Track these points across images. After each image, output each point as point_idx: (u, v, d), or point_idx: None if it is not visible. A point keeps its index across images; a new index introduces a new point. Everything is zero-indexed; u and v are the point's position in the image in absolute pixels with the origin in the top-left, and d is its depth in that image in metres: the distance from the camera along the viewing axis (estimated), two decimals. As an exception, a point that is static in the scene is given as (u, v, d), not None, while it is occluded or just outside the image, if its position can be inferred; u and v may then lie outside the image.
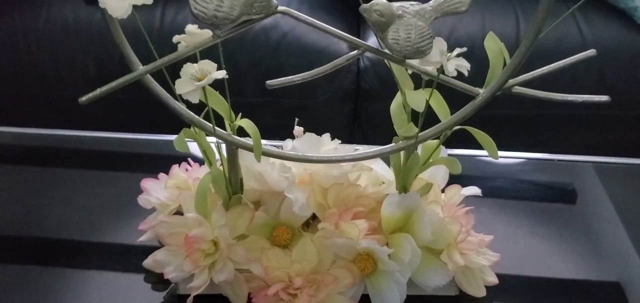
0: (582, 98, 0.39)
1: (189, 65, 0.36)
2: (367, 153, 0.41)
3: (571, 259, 0.50)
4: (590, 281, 0.49)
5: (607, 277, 0.50)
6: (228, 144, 0.41)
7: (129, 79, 0.37)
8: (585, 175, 0.63)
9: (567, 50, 1.01)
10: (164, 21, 1.02)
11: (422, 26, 0.34)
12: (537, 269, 0.49)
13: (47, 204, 0.56)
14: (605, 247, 0.54)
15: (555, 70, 0.38)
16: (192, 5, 0.32)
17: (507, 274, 0.46)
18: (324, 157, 0.42)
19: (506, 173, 0.62)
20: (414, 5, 0.35)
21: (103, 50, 1.02)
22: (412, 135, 0.39)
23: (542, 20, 0.35)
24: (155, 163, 0.63)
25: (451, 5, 0.34)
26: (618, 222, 0.55)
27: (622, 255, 0.53)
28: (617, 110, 1.00)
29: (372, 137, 1.05)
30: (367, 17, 0.34)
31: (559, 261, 0.50)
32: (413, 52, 0.34)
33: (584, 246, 0.52)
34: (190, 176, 0.46)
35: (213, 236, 0.41)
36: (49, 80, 1.04)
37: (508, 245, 0.50)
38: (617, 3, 1.02)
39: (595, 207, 0.58)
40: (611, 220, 0.56)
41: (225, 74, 0.35)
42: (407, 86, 0.39)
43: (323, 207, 0.43)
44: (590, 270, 0.50)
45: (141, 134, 0.65)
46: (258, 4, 0.32)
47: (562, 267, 0.50)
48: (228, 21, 0.33)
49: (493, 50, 0.39)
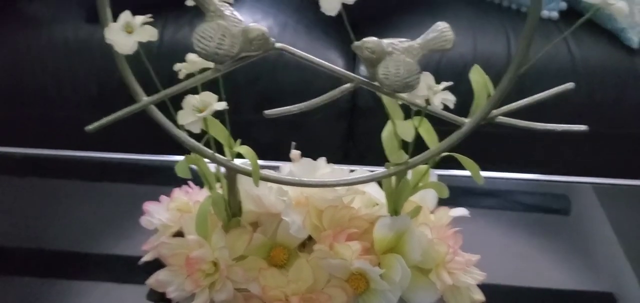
0: (562, 127, 0.41)
1: (190, 97, 0.38)
2: (360, 178, 0.43)
3: (560, 276, 0.52)
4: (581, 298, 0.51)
5: (596, 289, 0.52)
6: (228, 169, 0.43)
7: (134, 109, 0.39)
8: (575, 195, 0.64)
9: (556, 69, 1.05)
10: (163, 39, 1.04)
11: (410, 63, 0.36)
12: (526, 286, 0.51)
13: (49, 222, 0.57)
14: (594, 265, 0.55)
15: (536, 102, 0.41)
16: (195, 43, 0.34)
17: (495, 292, 0.48)
18: (319, 182, 0.44)
19: (496, 192, 0.64)
20: (403, 42, 0.37)
21: (104, 68, 1.04)
22: (403, 162, 0.41)
23: (522, 57, 0.37)
24: (157, 182, 0.65)
25: (437, 43, 0.37)
26: (610, 241, 0.56)
27: (612, 274, 0.54)
28: (605, 128, 1.03)
29: (367, 154, 1.07)
30: (359, 53, 0.36)
31: (548, 278, 0.52)
32: (402, 86, 0.36)
33: (574, 262, 0.54)
34: (191, 199, 0.48)
35: (213, 257, 0.43)
36: (51, 98, 1.06)
37: (497, 263, 0.52)
38: (605, 24, 1.05)
39: (583, 226, 0.60)
40: (601, 239, 0.57)
41: (225, 106, 0.37)
42: (397, 116, 0.41)
43: (318, 229, 0.45)
44: (581, 284, 0.51)
45: (141, 154, 0.67)
46: (257, 41, 0.35)
47: (551, 283, 0.51)
48: (229, 58, 0.35)
49: (478, 82, 0.41)
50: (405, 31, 1.12)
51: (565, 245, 0.56)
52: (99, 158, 0.68)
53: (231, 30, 0.34)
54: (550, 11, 1.10)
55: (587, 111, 1.02)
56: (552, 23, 1.10)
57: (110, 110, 1.13)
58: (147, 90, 0.40)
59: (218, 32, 0.34)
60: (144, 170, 0.68)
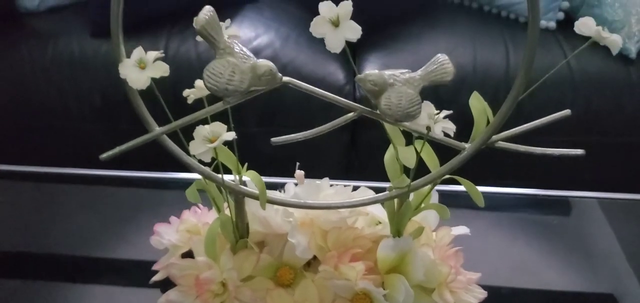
0: (559, 152, 0.43)
1: (201, 127, 0.39)
2: (363, 200, 0.45)
3: (562, 287, 0.53)
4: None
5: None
6: (236, 194, 0.45)
7: (147, 139, 0.40)
8: (580, 210, 0.64)
9: (554, 79, 1.06)
10: (167, 52, 1.06)
11: (411, 93, 0.38)
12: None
13: (59, 239, 0.59)
14: (599, 280, 0.56)
15: (534, 128, 0.42)
16: (206, 79, 0.36)
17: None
18: (323, 204, 0.45)
19: (498, 207, 0.65)
20: (404, 74, 0.39)
21: (109, 82, 1.05)
22: (405, 186, 0.43)
23: (521, 86, 0.39)
24: (164, 198, 0.67)
25: (437, 75, 0.38)
26: (615, 256, 0.57)
27: (617, 290, 0.55)
28: (602, 137, 1.05)
29: (369, 164, 1.09)
30: (362, 85, 0.38)
31: (551, 293, 0.53)
32: (404, 116, 0.38)
33: (578, 277, 0.55)
34: (200, 220, 0.50)
35: (222, 278, 0.45)
36: (56, 111, 1.07)
37: (500, 278, 0.53)
38: (603, 34, 1.07)
39: (588, 240, 0.60)
40: (605, 253, 0.57)
41: (234, 136, 0.39)
42: (399, 142, 0.43)
43: (323, 250, 0.47)
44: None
45: (148, 172, 0.69)
46: (265, 77, 0.36)
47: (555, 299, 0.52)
48: (238, 93, 0.36)
49: (477, 108, 0.43)
50: (405, 42, 1.13)
51: (568, 259, 0.57)
52: (106, 176, 0.69)
53: (240, 66, 0.36)
54: (548, 21, 1.12)
55: (584, 121, 1.03)
56: (550, 33, 1.12)
57: (114, 122, 1.17)
58: (153, 106, 0.40)
59: (228, 68, 0.36)
60: (152, 186, 0.69)
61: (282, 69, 1.09)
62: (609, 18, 1.05)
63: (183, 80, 1.22)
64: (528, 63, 0.37)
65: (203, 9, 0.36)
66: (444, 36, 1.12)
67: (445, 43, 1.09)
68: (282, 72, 1.16)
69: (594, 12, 1.08)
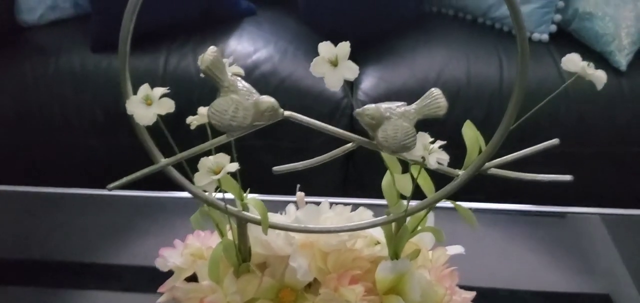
0: (548, 178, 0.44)
1: (205, 159, 0.41)
2: (362, 224, 0.47)
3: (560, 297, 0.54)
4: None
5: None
6: (239, 220, 0.46)
7: (152, 170, 0.42)
8: (582, 225, 0.65)
9: (547, 91, 1.07)
10: (167, 69, 1.07)
11: (407, 127, 0.39)
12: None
13: (61, 256, 0.60)
14: (589, 296, 0.57)
15: (524, 156, 0.44)
16: (211, 116, 0.37)
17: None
18: (323, 229, 0.47)
19: (497, 224, 0.65)
20: (400, 108, 0.40)
21: (110, 97, 1.07)
22: (402, 212, 0.44)
23: (512, 117, 0.40)
24: (163, 218, 0.68)
25: (431, 109, 0.40)
26: (620, 272, 0.57)
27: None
28: (595, 148, 1.07)
29: (366, 175, 1.11)
30: (360, 119, 0.40)
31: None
32: (400, 148, 0.40)
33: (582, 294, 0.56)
34: (204, 244, 0.51)
35: (225, 301, 0.46)
36: (57, 125, 1.09)
37: (494, 296, 0.55)
38: (595, 47, 1.09)
39: (591, 256, 0.60)
40: (608, 269, 0.58)
41: (237, 166, 0.41)
42: (396, 169, 0.44)
43: (323, 272, 0.48)
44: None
45: (150, 191, 0.70)
46: (268, 113, 0.38)
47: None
48: (242, 129, 0.38)
49: (470, 136, 0.44)
50: (400, 55, 1.15)
51: (567, 274, 0.57)
52: (106, 196, 0.71)
53: (244, 103, 0.37)
54: (541, 34, 1.14)
55: (576, 132, 1.06)
56: (543, 45, 1.14)
57: (115, 137, 1.18)
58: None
59: (231, 105, 0.37)
60: (152, 205, 0.71)
61: (281, 82, 1.12)
62: (600, 31, 1.07)
63: (183, 95, 1.26)
64: (518, 97, 0.39)
65: (208, 49, 0.37)
66: (439, 49, 1.14)
67: (440, 56, 1.11)
68: (281, 86, 1.21)
69: (586, 26, 1.10)
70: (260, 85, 1.05)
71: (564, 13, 1.14)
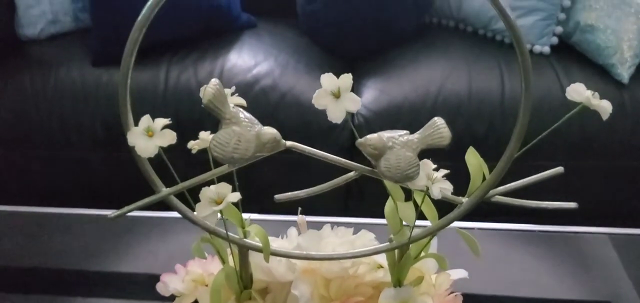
0: (553, 206, 0.44)
1: (207, 189, 0.40)
2: (364, 251, 0.46)
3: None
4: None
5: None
6: (240, 247, 0.46)
7: (154, 199, 0.42)
8: (591, 245, 0.63)
9: (550, 104, 1.08)
10: (168, 82, 1.07)
11: (410, 156, 0.39)
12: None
13: (60, 276, 0.60)
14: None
15: (529, 184, 0.44)
16: (213, 148, 0.37)
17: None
18: (325, 256, 0.47)
19: (504, 243, 0.64)
20: (402, 136, 0.40)
21: (110, 111, 1.07)
22: (405, 240, 0.44)
23: (516, 147, 0.40)
24: (166, 240, 0.68)
25: (434, 139, 0.39)
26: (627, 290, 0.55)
27: None
28: (596, 161, 1.06)
29: (367, 188, 1.10)
30: (363, 149, 0.39)
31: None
32: (403, 178, 0.39)
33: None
34: (205, 270, 0.51)
35: (227, 329, 0.46)
36: (57, 140, 1.09)
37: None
38: (596, 59, 1.09)
39: (601, 277, 0.58)
40: (617, 287, 0.56)
41: (239, 197, 0.40)
42: (398, 197, 0.44)
43: (326, 299, 0.48)
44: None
45: (151, 211, 0.70)
46: (269, 145, 0.38)
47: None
48: (244, 160, 0.38)
49: (473, 164, 0.44)
50: (401, 67, 1.15)
51: (578, 294, 0.56)
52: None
53: (245, 135, 0.37)
54: (542, 46, 1.14)
55: (578, 145, 1.05)
56: (544, 57, 1.14)
57: (115, 152, 1.18)
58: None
59: (233, 137, 0.37)
60: (151, 224, 0.70)
61: (281, 97, 1.11)
62: (601, 44, 1.07)
63: (183, 109, 1.25)
64: (522, 128, 0.39)
65: (210, 82, 0.37)
66: (440, 61, 1.14)
67: (441, 69, 1.11)
68: (282, 101, 1.20)
69: (587, 38, 1.10)
70: (261, 100, 1.05)
71: (566, 25, 1.14)
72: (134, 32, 0.34)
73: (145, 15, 0.33)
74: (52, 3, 1.16)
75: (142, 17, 0.34)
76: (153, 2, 0.33)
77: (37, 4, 1.15)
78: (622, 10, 1.04)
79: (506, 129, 1.03)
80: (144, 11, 0.33)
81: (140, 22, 0.34)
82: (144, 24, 0.34)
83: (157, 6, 0.34)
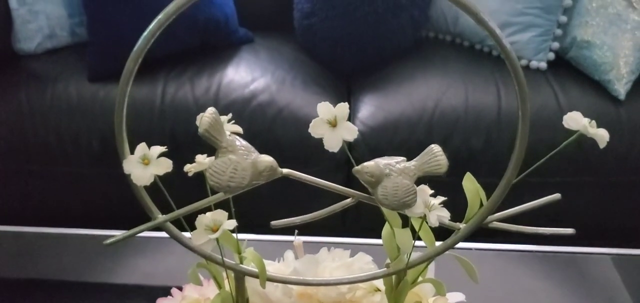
0: (550, 231, 0.44)
1: (203, 216, 0.40)
2: (361, 277, 0.46)
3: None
4: None
5: None
6: (236, 273, 0.46)
7: (150, 226, 0.41)
8: (593, 266, 0.63)
9: (546, 119, 1.08)
10: (165, 97, 1.07)
11: (407, 184, 0.39)
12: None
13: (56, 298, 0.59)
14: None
15: (526, 210, 0.44)
16: (209, 177, 0.37)
17: None
18: (322, 281, 0.46)
19: (505, 263, 0.64)
20: (399, 164, 0.40)
21: (106, 126, 1.06)
22: (402, 267, 0.44)
23: (513, 175, 0.40)
24: (163, 262, 0.67)
25: (431, 166, 0.39)
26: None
27: None
28: (594, 177, 1.06)
29: (364, 206, 1.10)
30: (360, 177, 0.39)
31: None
32: (400, 205, 0.39)
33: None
34: (202, 294, 0.51)
35: (223, 355, 0.46)
36: (53, 155, 1.08)
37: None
38: (593, 75, 1.09)
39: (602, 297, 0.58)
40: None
41: (235, 224, 0.40)
42: (396, 224, 0.44)
43: (323, 324, 0.48)
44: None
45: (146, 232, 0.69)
46: (266, 172, 0.38)
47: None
48: (240, 188, 0.37)
49: (471, 190, 0.44)
50: (398, 83, 1.15)
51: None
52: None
53: (242, 163, 0.37)
54: (539, 62, 1.14)
55: (575, 161, 1.05)
56: (541, 73, 1.14)
57: (111, 167, 1.17)
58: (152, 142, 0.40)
59: (230, 166, 0.37)
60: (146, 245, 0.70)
61: (278, 112, 1.11)
62: (598, 60, 1.07)
63: (180, 125, 1.25)
64: (519, 156, 0.39)
65: (206, 111, 0.37)
66: (437, 77, 1.14)
67: (438, 84, 1.11)
68: (279, 116, 1.20)
69: (584, 54, 1.10)
70: (258, 115, 1.05)
71: (562, 41, 1.15)
72: (129, 62, 0.34)
73: (141, 47, 0.33)
74: (49, 18, 1.16)
75: (138, 48, 0.34)
76: (148, 34, 0.33)
77: (34, 19, 1.15)
78: (618, 26, 1.05)
79: (503, 143, 1.03)
80: (140, 43, 0.33)
81: (136, 52, 0.34)
82: (139, 55, 0.34)
83: (153, 37, 0.34)
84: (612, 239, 1.14)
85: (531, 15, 1.11)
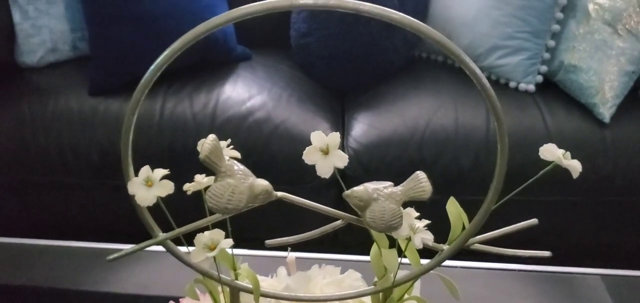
0: (528, 254, 0.47)
1: (201, 235, 0.43)
2: (350, 294, 0.49)
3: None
4: None
5: None
6: (232, 289, 0.48)
7: (151, 243, 0.44)
8: (583, 286, 0.63)
9: (532, 140, 1.11)
10: (164, 113, 1.09)
11: (394, 208, 0.42)
12: None
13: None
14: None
15: (505, 233, 0.46)
16: (208, 200, 0.40)
17: None
18: (313, 297, 0.49)
19: (496, 283, 0.65)
20: (387, 189, 0.43)
21: (106, 139, 1.09)
22: (389, 285, 0.47)
23: (492, 201, 0.43)
24: (158, 270, 0.70)
25: (416, 192, 0.42)
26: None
27: None
28: (578, 197, 1.09)
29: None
30: (349, 201, 0.42)
31: None
32: (387, 228, 0.42)
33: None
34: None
35: None
36: (54, 167, 1.10)
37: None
38: (579, 98, 1.13)
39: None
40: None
41: (232, 243, 0.43)
42: (383, 244, 0.46)
43: (313, 338, 0.50)
44: None
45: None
46: (262, 196, 0.40)
47: None
48: (237, 210, 0.40)
49: (454, 213, 0.47)
50: (391, 102, 1.18)
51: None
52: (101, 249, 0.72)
53: (239, 187, 0.40)
54: (528, 84, 1.18)
55: (560, 181, 1.08)
56: (529, 95, 1.17)
57: (111, 179, 1.20)
58: (150, 155, 0.42)
59: (227, 189, 0.39)
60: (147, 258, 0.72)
61: (274, 129, 1.14)
62: (584, 84, 1.11)
63: (179, 139, 1.27)
64: (497, 185, 0.41)
65: (208, 137, 0.40)
66: (428, 97, 1.17)
67: (428, 104, 1.14)
68: (275, 133, 1.23)
69: (571, 78, 1.14)
70: (255, 132, 1.08)
71: (550, 64, 1.18)
72: (136, 93, 0.37)
73: (148, 79, 0.36)
74: (52, 32, 1.19)
75: (145, 81, 0.36)
76: (155, 67, 0.36)
77: (37, 33, 1.17)
78: (603, 52, 1.09)
79: (491, 163, 1.06)
80: (147, 75, 0.36)
81: (143, 84, 0.36)
82: (146, 86, 0.36)
83: (160, 71, 0.36)
84: (597, 259, 1.18)
85: (520, 40, 1.15)
